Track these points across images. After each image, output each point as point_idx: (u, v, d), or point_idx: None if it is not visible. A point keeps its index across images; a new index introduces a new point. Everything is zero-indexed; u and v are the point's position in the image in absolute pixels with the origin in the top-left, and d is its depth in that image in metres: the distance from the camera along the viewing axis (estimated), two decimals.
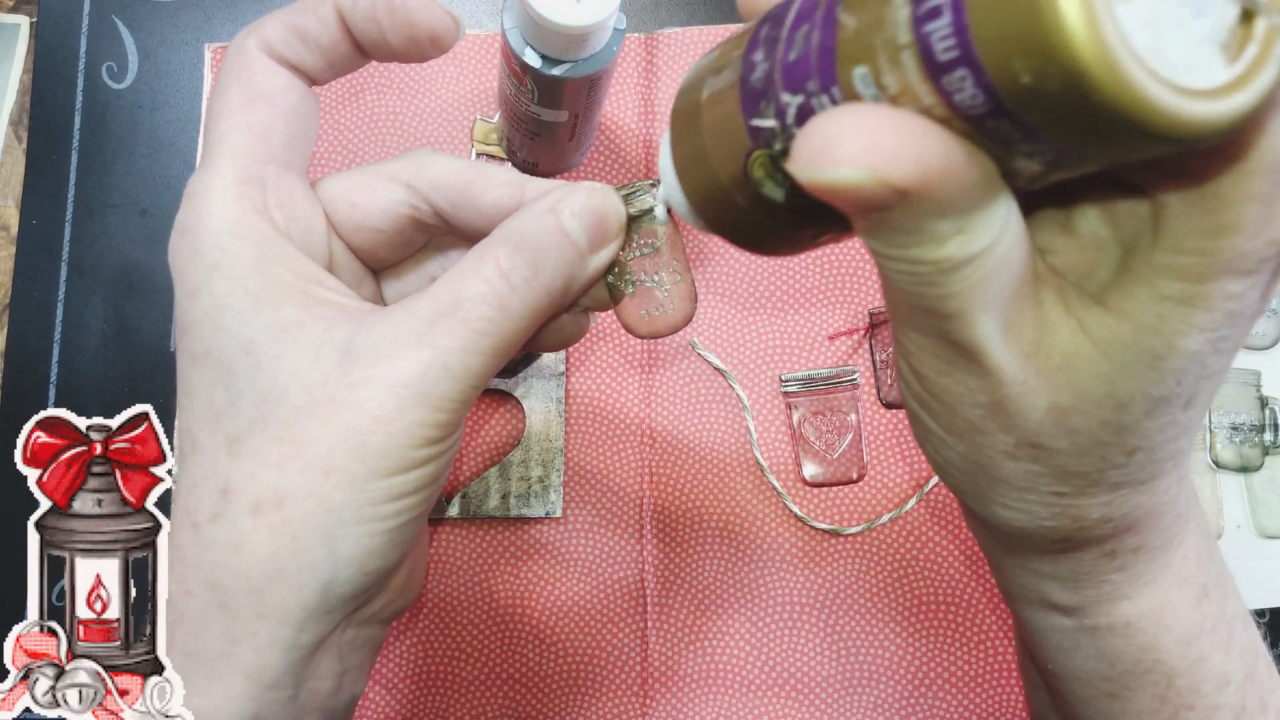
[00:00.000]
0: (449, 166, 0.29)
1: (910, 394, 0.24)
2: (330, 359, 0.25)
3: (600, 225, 0.27)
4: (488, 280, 0.26)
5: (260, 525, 0.25)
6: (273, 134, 0.27)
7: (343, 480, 0.25)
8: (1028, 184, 0.19)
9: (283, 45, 0.27)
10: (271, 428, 0.25)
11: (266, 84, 0.27)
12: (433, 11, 0.27)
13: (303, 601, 0.25)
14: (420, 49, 0.28)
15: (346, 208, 0.29)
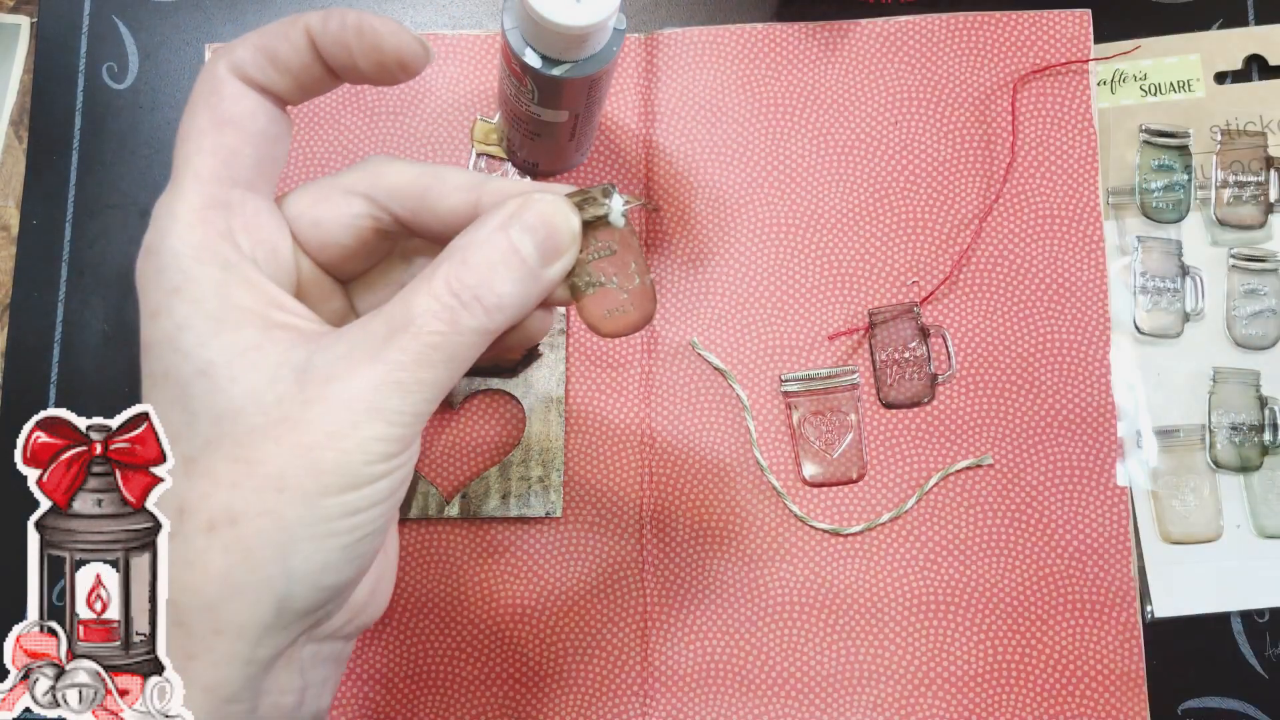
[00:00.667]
0: (404, 174, 0.29)
1: None
2: (286, 379, 0.25)
3: (551, 240, 0.27)
4: (438, 296, 0.26)
5: (214, 543, 0.25)
6: (239, 158, 0.28)
7: (296, 497, 0.25)
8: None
9: (253, 68, 0.28)
10: (226, 448, 0.25)
11: (234, 108, 0.28)
12: (400, 37, 0.28)
13: (258, 617, 0.25)
14: (388, 73, 0.28)
15: (309, 226, 0.29)
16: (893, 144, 0.50)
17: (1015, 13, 0.51)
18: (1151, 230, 0.50)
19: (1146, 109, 0.51)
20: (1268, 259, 0.50)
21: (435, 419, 0.48)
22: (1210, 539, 0.48)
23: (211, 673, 0.25)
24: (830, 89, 0.51)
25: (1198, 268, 0.50)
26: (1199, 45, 0.51)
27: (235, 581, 0.25)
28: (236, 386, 0.25)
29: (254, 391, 0.25)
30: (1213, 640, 0.48)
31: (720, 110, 0.50)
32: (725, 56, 0.51)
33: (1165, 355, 0.49)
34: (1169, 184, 0.50)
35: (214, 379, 0.25)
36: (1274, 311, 0.49)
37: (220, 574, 0.25)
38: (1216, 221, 0.50)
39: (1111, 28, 0.51)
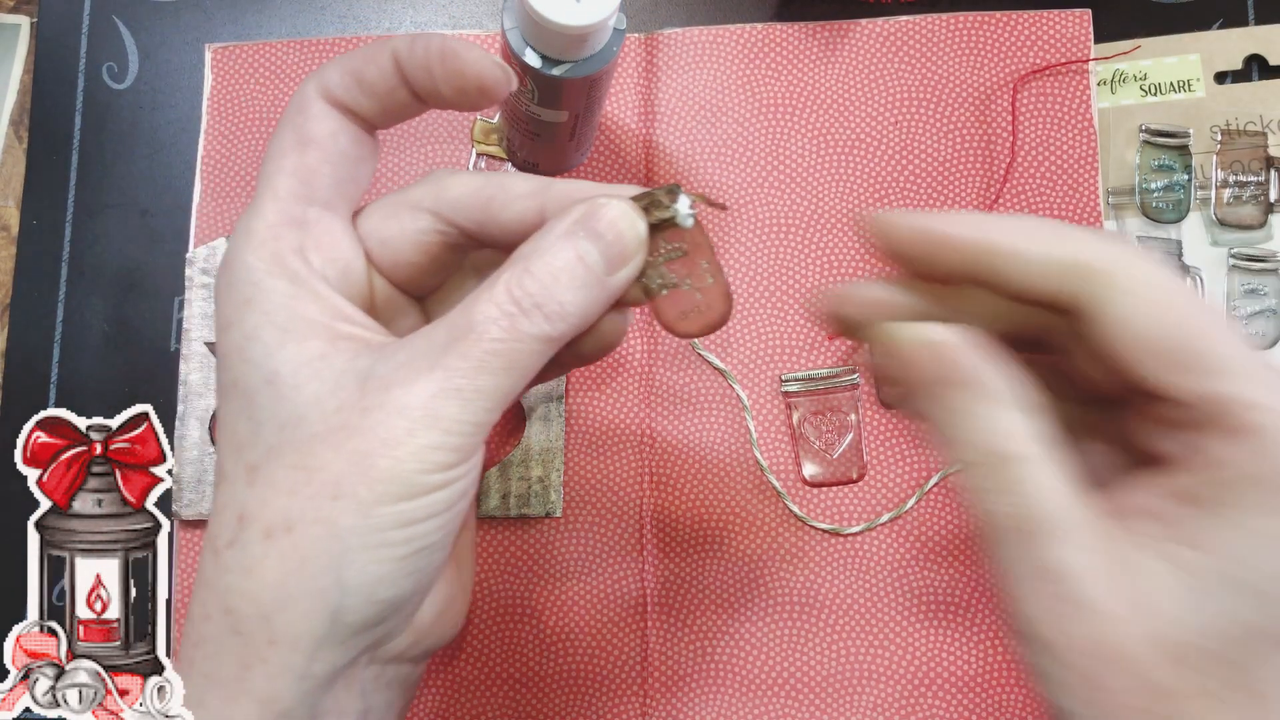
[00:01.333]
0: (468, 186, 0.29)
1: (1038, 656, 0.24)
2: (349, 387, 0.26)
3: (618, 247, 0.27)
4: (498, 304, 0.26)
5: (270, 551, 0.25)
6: (318, 177, 0.28)
7: (350, 505, 0.25)
8: None
9: (341, 90, 0.28)
10: (287, 455, 0.25)
11: (317, 128, 0.28)
12: (482, 63, 0.28)
13: (311, 629, 0.25)
14: (469, 98, 0.28)
15: (377, 245, 0.30)
16: (893, 144, 0.50)
17: (1015, 12, 0.51)
18: (1151, 230, 0.50)
19: (1146, 109, 0.51)
20: (1268, 259, 0.50)
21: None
22: None
23: (266, 685, 0.25)
24: (830, 89, 0.51)
25: (1198, 268, 0.50)
26: (1199, 45, 0.51)
27: (290, 590, 0.25)
28: (300, 394, 0.25)
29: (317, 399, 0.25)
30: None
31: (720, 110, 0.50)
32: (725, 56, 0.51)
33: None
34: (1169, 184, 0.50)
35: (278, 387, 0.26)
36: (1274, 311, 0.49)
37: (276, 582, 0.25)
38: (1216, 221, 0.50)
39: (1111, 27, 0.51)
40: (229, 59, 0.51)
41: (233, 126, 0.50)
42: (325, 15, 0.52)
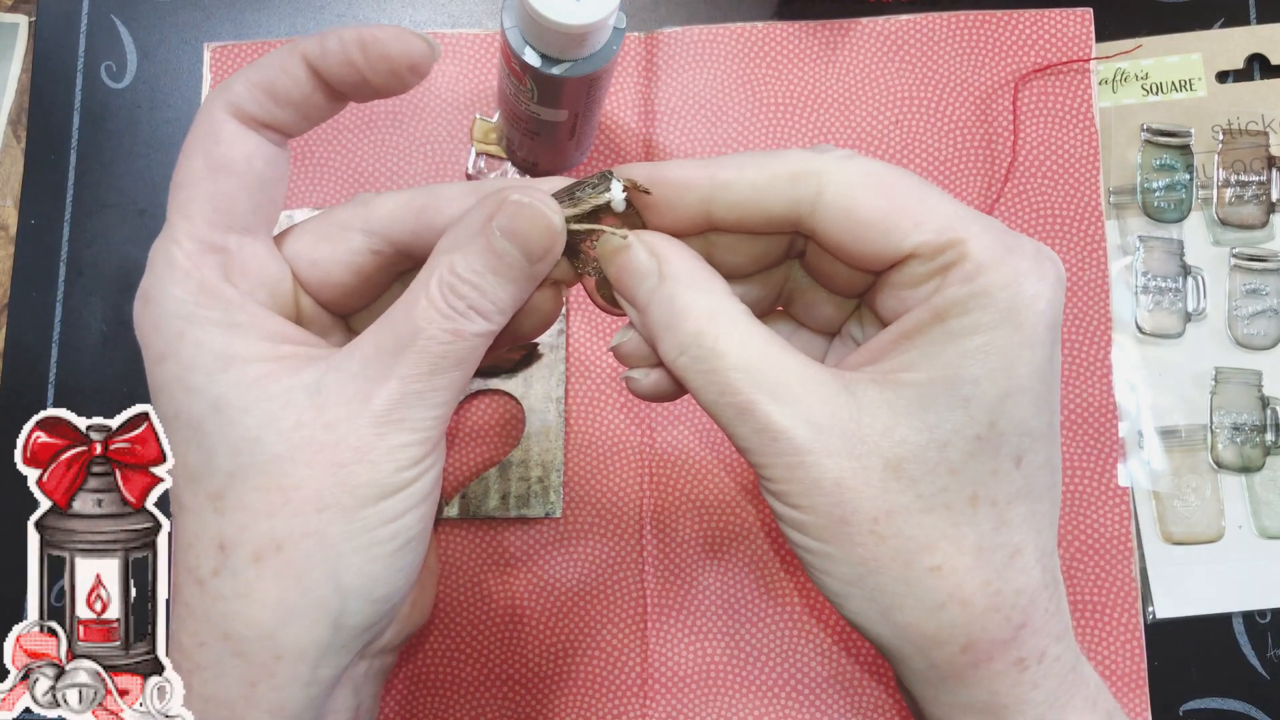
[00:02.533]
0: (396, 200, 0.29)
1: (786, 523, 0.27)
2: (300, 402, 0.26)
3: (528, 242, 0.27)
4: (439, 309, 0.26)
5: (264, 572, 0.25)
6: (236, 204, 0.28)
7: (336, 515, 0.25)
8: None
9: (252, 105, 0.27)
10: (251, 478, 0.25)
11: (231, 152, 0.27)
12: (406, 41, 0.27)
13: (316, 638, 0.26)
14: (401, 80, 0.28)
15: (307, 266, 0.29)
16: (893, 143, 0.50)
17: (1016, 11, 0.51)
18: (1153, 230, 0.50)
19: (1148, 108, 0.51)
20: (1269, 259, 0.50)
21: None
22: (1212, 540, 0.48)
23: (274, 696, 0.26)
24: (830, 88, 0.50)
25: (1199, 267, 0.50)
26: (1200, 44, 0.51)
27: (290, 606, 0.25)
28: (250, 417, 0.25)
29: (270, 419, 0.25)
30: (1214, 641, 0.48)
31: (720, 109, 0.50)
32: (725, 55, 0.50)
33: (1167, 355, 0.49)
34: (1170, 183, 0.50)
35: (226, 413, 0.25)
36: (1276, 311, 0.49)
37: (275, 601, 0.25)
38: (1218, 221, 0.50)
39: (1113, 27, 0.51)
40: (228, 58, 0.51)
41: None
42: (324, 14, 0.52)
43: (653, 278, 0.27)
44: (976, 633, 0.25)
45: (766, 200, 0.27)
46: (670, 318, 0.26)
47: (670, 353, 0.27)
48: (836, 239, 0.27)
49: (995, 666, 0.26)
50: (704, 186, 0.27)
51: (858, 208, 0.26)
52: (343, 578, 0.25)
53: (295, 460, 0.25)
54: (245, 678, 0.25)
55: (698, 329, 0.26)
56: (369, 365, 0.26)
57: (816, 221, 0.27)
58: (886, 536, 0.25)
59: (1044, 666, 0.26)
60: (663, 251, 0.27)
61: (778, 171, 0.27)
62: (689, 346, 0.26)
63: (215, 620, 0.25)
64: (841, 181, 0.26)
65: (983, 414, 0.25)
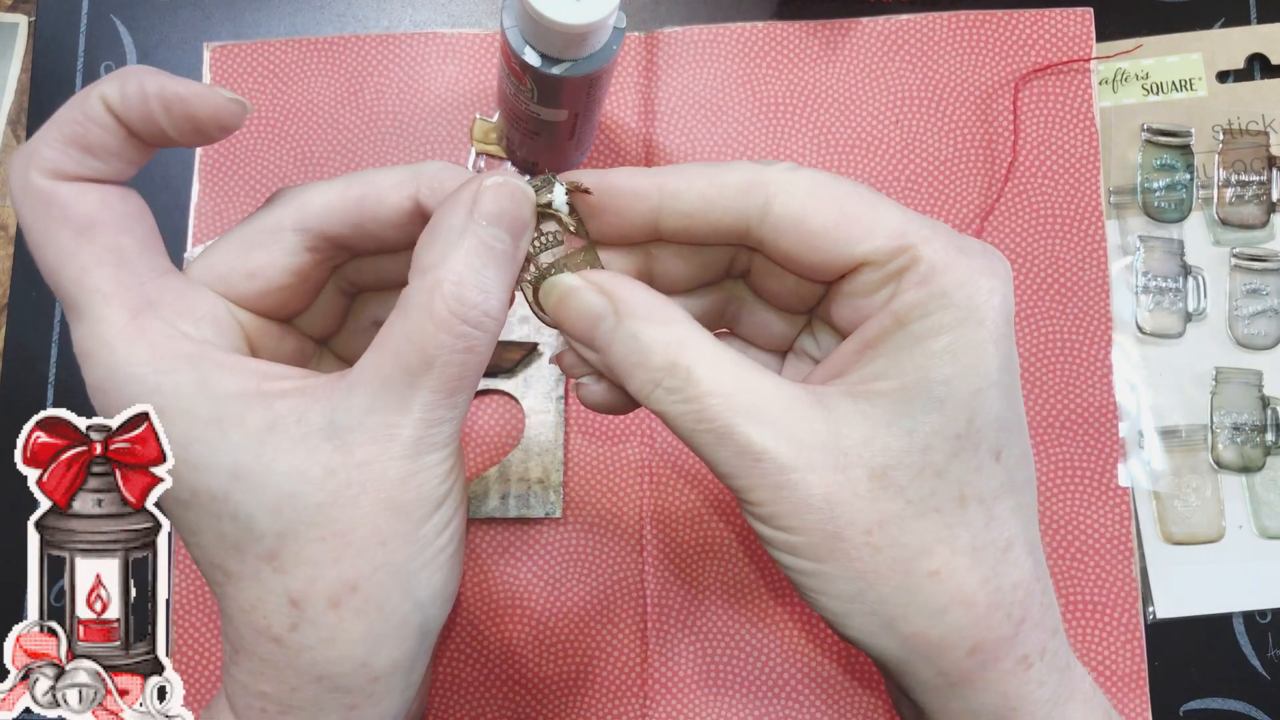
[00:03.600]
0: (330, 192, 0.28)
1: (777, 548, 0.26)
2: (321, 448, 0.25)
3: (515, 216, 0.26)
4: (450, 330, 0.25)
5: (345, 615, 0.25)
6: (127, 253, 0.26)
7: (399, 543, 0.25)
8: None
9: (69, 164, 0.25)
10: (304, 532, 0.25)
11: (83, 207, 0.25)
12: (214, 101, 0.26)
13: (407, 651, 0.26)
14: (207, 137, 0.27)
15: (244, 280, 0.28)
16: (893, 143, 0.50)
17: (1017, 11, 0.51)
18: (1153, 230, 0.50)
19: (1148, 108, 0.51)
20: (1270, 258, 0.50)
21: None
22: (1212, 539, 0.48)
23: (374, 711, 0.26)
24: (830, 88, 0.50)
25: (1200, 267, 0.50)
26: (1201, 44, 0.51)
27: (377, 634, 0.25)
28: (276, 475, 0.25)
29: (297, 473, 0.25)
30: (1214, 641, 0.48)
31: (720, 109, 0.50)
32: (725, 55, 0.50)
33: (1167, 355, 0.49)
34: (1171, 183, 0.50)
35: (248, 479, 0.25)
36: (1276, 311, 0.49)
37: (362, 635, 0.25)
38: (1218, 221, 0.50)
39: (1113, 26, 0.51)
40: (227, 58, 0.51)
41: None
42: (324, 14, 0.52)
43: (608, 318, 0.27)
44: (982, 633, 0.25)
45: (715, 211, 0.27)
46: (636, 354, 0.26)
47: (643, 389, 0.26)
48: (786, 249, 0.27)
49: (1002, 666, 0.26)
50: (653, 196, 0.27)
51: (808, 217, 0.26)
52: (419, 594, 0.26)
53: (340, 505, 0.25)
54: (346, 704, 0.26)
55: (668, 361, 0.26)
56: (381, 399, 0.25)
57: (765, 232, 0.27)
58: (882, 547, 0.25)
59: (1045, 663, 0.26)
60: (613, 289, 0.27)
61: (727, 182, 0.27)
62: (662, 379, 0.26)
63: (304, 668, 0.25)
64: (791, 192, 0.27)
65: (959, 412, 0.25)
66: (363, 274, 0.31)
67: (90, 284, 0.25)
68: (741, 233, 0.27)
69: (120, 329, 0.25)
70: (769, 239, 0.27)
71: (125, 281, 0.26)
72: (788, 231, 0.27)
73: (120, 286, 0.25)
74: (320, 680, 0.25)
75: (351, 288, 0.32)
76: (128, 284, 0.26)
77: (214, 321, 0.27)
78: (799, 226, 0.26)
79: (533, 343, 0.47)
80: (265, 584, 0.25)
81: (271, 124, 0.50)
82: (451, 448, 0.26)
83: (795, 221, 0.27)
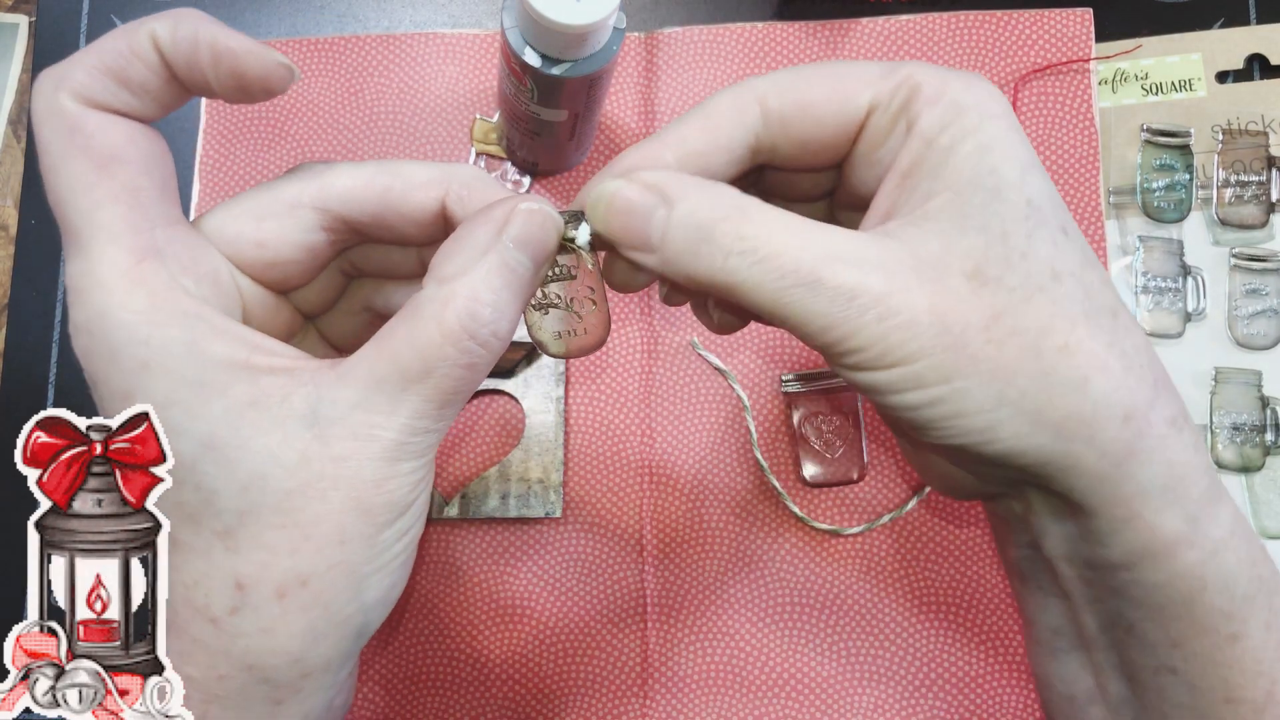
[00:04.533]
0: (357, 177, 0.28)
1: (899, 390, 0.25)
2: (299, 434, 0.24)
3: (542, 248, 0.26)
4: (456, 344, 0.25)
5: (290, 607, 0.25)
6: (144, 195, 0.25)
7: (358, 544, 0.25)
8: None
9: (103, 92, 0.25)
10: (265, 515, 0.24)
11: (110, 141, 0.25)
12: (264, 60, 0.25)
13: (342, 650, 0.26)
14: (249, 96, 0.26)
15: (252, 248, 0.27)
16: None
17: (1016, 11, 0.51)
18: (1153, 230, 0.50)
19: (1148, 108, 0.51)
20: (1269, 259, 0.50)
21: None
22: None
23: (299, 708, 0.26)
24: None
25: (1199, 267, 0.50)
26: (1200, 44, 0.51)
27: (318, 631, 0.25)
28: (249, 453, 0.24)
29: (271, 455, 0.24)
30: None
31: None
32: (725, 55, 0.50)
33: (1167, 355, 0.49)
34: (1170, 183, 0.50)
35: (222, 450, 0.24)
36: (1275, 311, 0.49)
37: (302, 630, 0.25)
38: (1218, 221, 0.50)
39: (1113, 27, 0.51)
40: None
41: (230, 127, 0.50)
42: (324, 15, 0.52)
43: (660, 208, 0.26)
44: (1127, 396, 0.25)
45: (723, 138, 0.27)
46: (699, 231, 0.25)
47: (714, 264, 0.25)
48: (798, 135, 0.27)
49: (1157, 432, 0.25)
50: (668, 152, 0.28)
51: (804, 95, 0.27)
52: (366, 596, 0.26)
53: (308, 495, 0.24)
54: (271, 698, 0.25)
55: (736, 228, 0.25)
56: (371, 397, 0.25)
57: (773, 134, 0.27)
58: (1004, 339, 0.24)
59: (1189, 428, 0.26)
60: (656, 180, 0.26)
61: (722, 108, 0.28)
62: (734, 246, 0.25)
63: (236, 655, 0.25)
64: (779, 86, 0.27)
65: (1017, 194, 0.25)
66: (369, 260, 0.31)
67: (100, 219, 0.24)
68: (752, 148, 0.28)
69: (121, 271, 0.24)
70: (777, 138, 0.27)
71: (136, 224, 0.25)
72: (793, 117, 0.27)
73: (130, 228, 0.25)
74: (250, 670, 0.25)
75: (353, 270, 0.32)
76: (138, 227, 0.25)
77: (215, 282, 0.27)
78: (800, 107, 0.27)
79: (533, 343, 0.47)
80: (214, 562, 0.25)
81: (272, 124, 0.50)
82: (428, 458, 0.26)
83: (796, 104, 0.27)
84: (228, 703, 0.25)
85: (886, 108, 0.27)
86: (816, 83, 0.27)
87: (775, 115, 0.27)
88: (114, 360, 0.24)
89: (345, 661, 0.26)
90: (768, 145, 0.28)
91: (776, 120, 0.27)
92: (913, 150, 0.26)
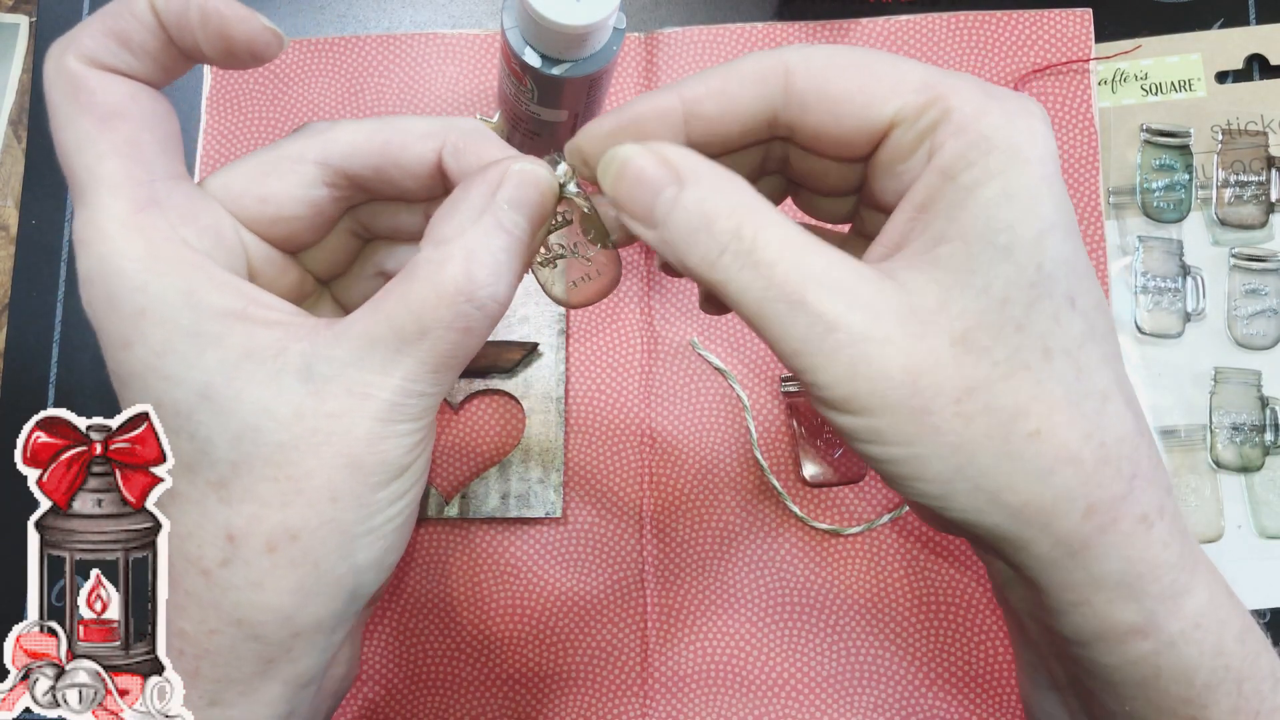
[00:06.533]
0: (359, 131, 0.28)
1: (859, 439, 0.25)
2: (294, 388, 0.25)
3: (538, 207, 0.26)
4: (453, 307, 0.25)
5: (279, 561, 0.25)
6: (144, 149, 0.26)
7: (350, 503, 0.25)
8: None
9: (106, 54, 0.25)
10: (258, 468, 0.25)
11: (112, 98, 0.25)
12: (250, 24, 0.26)
13: (333, 611, 0.26)
14: (237, 61, 0.26)
15: (255, 204, 0.28)
16: None
17: (1016, 12, 0.51)
18: (1152, 230, 0.50)
19: (1147, 108, 0.51)
20: (1269, 259, 0.50)
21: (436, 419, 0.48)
22: (1211, 539, 0.48)
23: (291, 668, 0.26)
24: None
25: (1199, 267, 0.50)
26: (1200, 45, 0.51)
27: (307, 589, 0.25)
28: (243, 405, 0.24)
29: (264, 407, 0.24)
30: None
31: None
32: (725, 56, 0.50)
33: (1166, 355, 0.49)
34: (1170, 183, 0.50)
35: (216, 400, 0.24)
36: (1275, 311, 0.49)
37: (292, 587, 0.25)
38: (1218, 221, 0.50)
39: (1112, 27, 0.51)
40: None
41: (232, 126, 0.50)
42: (324, 15, 0.52)
43: (670, 187, 0.25)
44: (1094, 491, 0.24)
45: (739, 106, 0.26)
46: (699, 220, 0.25)
47: (709, 255, 0.25)
48: (815, 125, 0.26)
49: (1122, 528, 0.24)
50: (677, 108, 0.27)
51: (830, 84, 0.26)
52: (357, 557, 0.26)
53: (301, 450, 0.24)
54: (262, 656, 0.25)
55: (735, 226, 0.24)
56: (366, 357, 0.25)
57: (792, 113, 0.26)
58: (974, 415, 0.23)
59: (1166, 524, 0.25)
60: (674, 157, 0.26)
61: (745, 73, 0.26)
62: (729, 244, 0.24)
63: (226, 609, 0.25)
64: (809, 65, 0.26)
65: (1027, 258, 0.24)
66: (378, 220, 0.31)
67: (101, 171, 0.25)
68: (769, 121, 0.27)
69: (120, 220, 0.25)
70: (796, 118, 0.26)
71: (135, 175, 0.25)
72: (813, 105, 0.26)
73: (128, 179, 0.25)
74: (240, 624, 0.25)
75: (365, 232, 0.32)
76: (137, 178, 0.25)
77: (217, 236, 0.27)
78: (822, 97, 0.26)
79: (533, 343, 0.47)
80: (208, 512, 0.25)
81: (272, 124, 0.50)
82: (425, 421, 0.26)
83: (818, 92, 0.26)
84: (218, 659, 0.25)
85: (911, 125, 0.25)
86: (848, 74, 0.25)
87: (797, 95, 0.26)
88: (113, 307, 0.25)
89: (338, 625, 0.26)
90: (785, 123, 0.27)
91: (797, 101, 0.26)
92: (929, 183, 0.25)
